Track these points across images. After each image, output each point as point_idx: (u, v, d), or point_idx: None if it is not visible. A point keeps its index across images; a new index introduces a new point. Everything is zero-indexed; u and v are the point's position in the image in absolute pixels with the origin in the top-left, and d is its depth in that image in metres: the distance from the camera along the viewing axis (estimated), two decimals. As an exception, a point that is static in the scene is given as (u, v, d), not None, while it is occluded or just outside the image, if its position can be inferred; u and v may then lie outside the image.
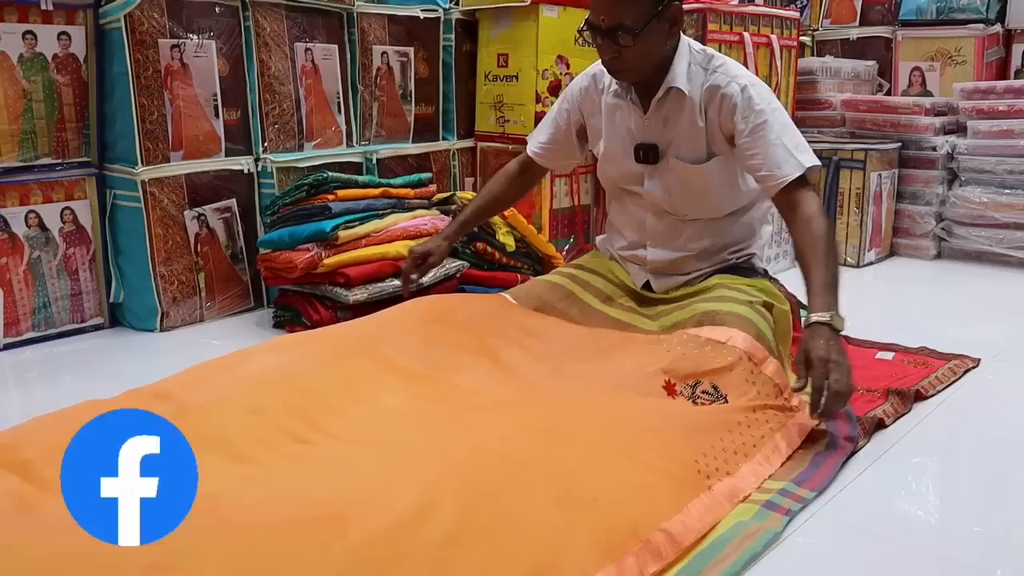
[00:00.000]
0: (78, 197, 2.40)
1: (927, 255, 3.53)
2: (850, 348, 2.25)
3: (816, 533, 1.34)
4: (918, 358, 2.18)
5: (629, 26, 1.70)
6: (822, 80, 3.76)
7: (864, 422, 1.71)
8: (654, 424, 1.49)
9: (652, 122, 1.88)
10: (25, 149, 2.26)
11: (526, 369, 1.71)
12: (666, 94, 1.84)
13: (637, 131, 1.91)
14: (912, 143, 3.52)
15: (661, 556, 1.18)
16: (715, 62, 1.84)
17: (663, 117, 1.87)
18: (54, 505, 1.32)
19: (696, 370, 1.66)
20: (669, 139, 1.88)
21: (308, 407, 1.48)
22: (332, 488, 1.24)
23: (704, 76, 1.83)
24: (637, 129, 1.91)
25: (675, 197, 1.94)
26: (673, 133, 1.87)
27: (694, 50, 1.85)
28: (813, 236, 1.68)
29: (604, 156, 2.02)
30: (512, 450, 1.35)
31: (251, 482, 1.28)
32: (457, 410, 1.53)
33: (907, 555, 1.30)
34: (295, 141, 2.72)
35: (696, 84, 1.82)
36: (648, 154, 1.90)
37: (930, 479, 1.59)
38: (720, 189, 1.91)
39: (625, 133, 1.93)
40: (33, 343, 2.31)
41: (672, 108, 1.85)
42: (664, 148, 1.89)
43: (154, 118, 2.38)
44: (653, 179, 1.94)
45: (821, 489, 1.45)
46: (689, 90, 1.81)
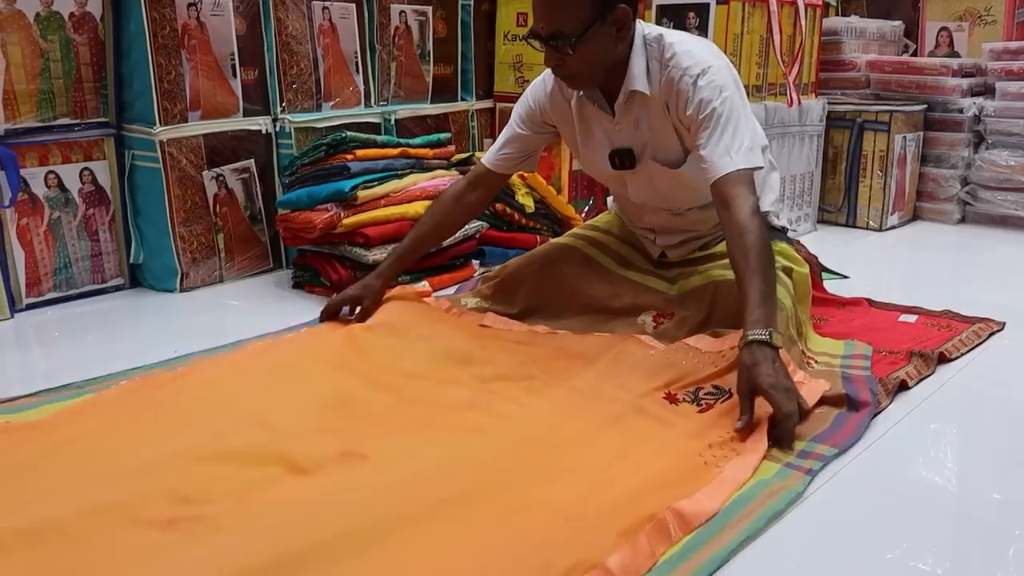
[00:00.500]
0: (97, 158, 2.40)
1: (951, 219, 3.48)
2: (873, 311, 2.25)
3: (838, 492, 1.34)
4: (942, 321, 2.15)
5: (567, 33, 1.61)
6: (847, 41, 3.69)
7: (887, 383, 1.70)
8: (658, 431, 1.48)
9: (622, 126, 1.81)
10: (44, 109, 2.26)
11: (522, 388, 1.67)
12: (629, 98, 1.76)
13: (609, 137, 1.84)
14: (938, 105, 3.46)
15: (670, 536, 1.17)
16: (667, 53, 1.72)
17: (632, 120, 1.80)
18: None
19: (696, 378, 1.63)
20: (644, 141, 1.81)
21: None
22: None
23: (660, 72, 1.73)
24: (609, 135, 1.84)
25: (663, 195, 1.89)
26: (647, 135, 1.80)
27: (649, 44, 1.73)
28: (745, 242, 1.55)
29: (584, 164, 1.97)
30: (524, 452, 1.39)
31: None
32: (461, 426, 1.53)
33: (927, 515, 1.30)
34: (313, 101, 2.70)
35: (656, 81, 1.73)
36: (624, 160, 1.83)
37: (952, 442, 1.58)
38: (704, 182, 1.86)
39: (600, 139, 1.86)
40: (55, 303, 2.32)
41: (639, 110, 1.78)
42: (640, 151, 1.82)
43: (171, 78, 2.37)
44: (635, 182, 1.90)
45: (843, 448, 1.45)
46: (651, 90, 1.73)
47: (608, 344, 1.81)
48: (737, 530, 1.19)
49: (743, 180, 1.63)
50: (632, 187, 1.91)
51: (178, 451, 1.36)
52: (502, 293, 2.08)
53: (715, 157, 1.64)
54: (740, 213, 1.58)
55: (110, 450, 1.38)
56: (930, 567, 1.15)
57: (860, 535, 1.23)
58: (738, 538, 1.17)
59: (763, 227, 1.59)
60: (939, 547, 1.22)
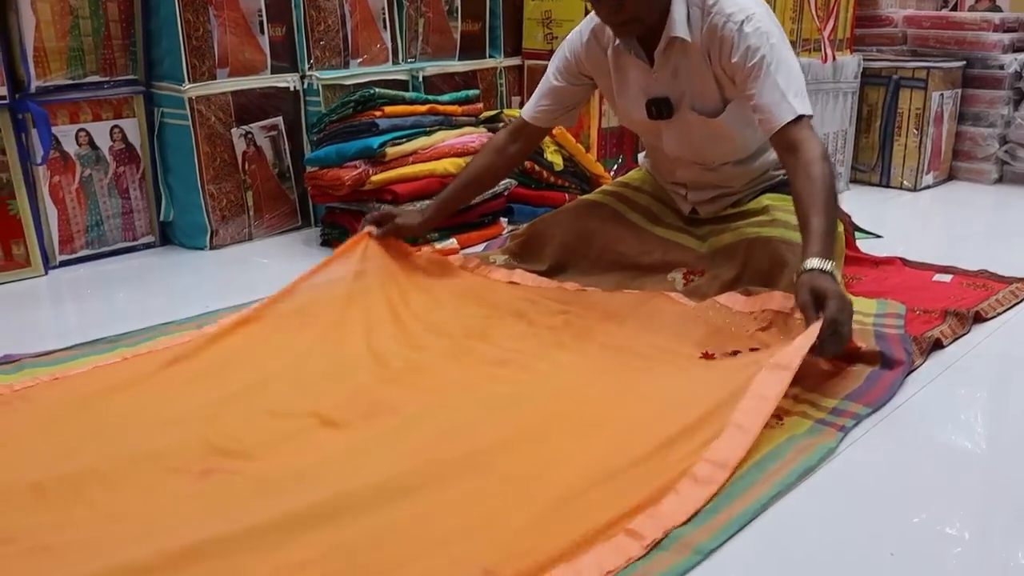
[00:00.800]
0: (126, 115, 2.40)
1: (988, 179, 3.41)
2: (907, 270, 2.22)
3: (870, 450, 1.33)
4: (978, 280, 2.12)
5: None
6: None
7: (921, 342, 1.68)
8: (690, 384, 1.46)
9: (660, 75, 1.78)
10: (73, 67, 2.26)
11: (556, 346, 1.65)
12: (668, 45, 1.73)
13: (647, 86, 1.82)
14: (977, 61, 3.37)
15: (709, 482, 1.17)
16: (708, 2, 1.70)
17: (671, 69, 1.77)
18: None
19: (732, 342, 1.61)
20: (681, 91, 1.79)
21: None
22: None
23: (702, 19, 1.70)
24: (646, 84, 1.81)
25: (698, 148, 1.87)
26: (685, 84, 1.78)
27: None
28: (812, 182, 1.54)
29: (620, 113, 1.94)
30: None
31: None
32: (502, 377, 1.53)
33: (958, 477, 1.28)
34: (340, 58, 2.69)
35: (697, 29, 1.71)
36: (661, 109, 1.81)
37: (985, 402, 1.56)
38: (742, 130, 1.82)
39: (637, 90, 1.84)
40: (87, 261, 2.34)
41: (679, 58, 1.75)
42: (677, 101, 1.80)
43: (200, 35, 2.36)
44: (670, 133, 1.87)
45: (877, 406, 1.43)
46: (692, 37, 1.71)
47: (638, 301, 1.80)
48: (768, 485, 1.18)
49: (807, 125, 1.62)
50: (667, 138, 1.88)
51: (211, 403, 1.38)
52: (530, 250, 2.07)
53: (772, 105, 1.62)
54: (809, 154, 1.57)
55: (146, 403, 1.40)
56: (957, 531, 1.14)
57: (890, 495, 1.22)
58: (769, 492, 1.17)
59: (831, 172, 1.58)
60: (968, 510, 1.20)
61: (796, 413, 1.39)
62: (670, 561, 1.02)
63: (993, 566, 1.08)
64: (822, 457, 1.27)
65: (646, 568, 1.01)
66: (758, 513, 1.13)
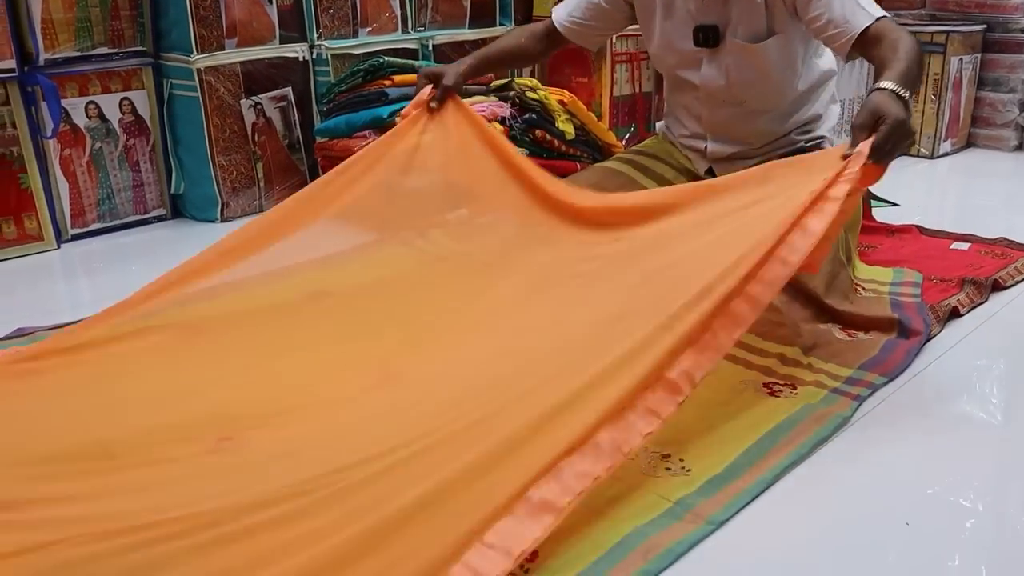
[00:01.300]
0: (135, 87, 2.39)
1: (1007, 146, 3.36)
2: (924, 238, 2.19)
3: (884, 420, 1.32)
4: (996, 249, 2.09)
5: None
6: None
7: (938, 310, 1.66)
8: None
9: (711, 1, 1.77)
10: (81, 38, 2.25)
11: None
12: None
13: (696, 12, 1.80)
14: (998, 25, 3.30)
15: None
16: None
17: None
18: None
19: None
20: (728, 18, 1.78)
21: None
22: None
23: None
24: (696, 10, 1.80)
25: (733, 81, 1.84)
26: (732, 11, 1.77)
27: None
28: (902, 45, 1.47)
29: (660, 41, 1.91)
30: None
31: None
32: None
33: (972, 448, 1.27)
34: (349, 27, 2.66)
35: None
36: (708, 36, 1.79)
37: (1001, 373, 1.54)
38: (782, 71, 1.80)
39: (684, 15, 1.83)
40: (99, 234, 2.34)
41: None
42: (723, 28, 1.79)
43: (207, 4, 2.34)
44: (711, 64, 1.85)
45: (892, 375, 1.42)
46: None
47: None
48: (783, 453, 1.18)
49: (889, 22, 1.58)
50: (706, 69, 1.85)
51: (223, 375, 1.38)
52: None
53: (847, 14, 1.59)
54: (898, 33, 1.52)
55: (158, 374, 1.40)
56: (971, 502, 1.13)
57: (905, 465, 1.21)
58: (783, 462, 1.16)
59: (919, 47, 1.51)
60: (983, 481, 1.19)
61: (811, 383, 1.38)
62: (683, 531, 1.02)
63: (1007, 536, 1.07)
64: (836, 426, 1.26)
65: (659, 538, 1.01)
66: (770, 484, 1.13)
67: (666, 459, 1.16)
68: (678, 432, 1.22)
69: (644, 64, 2.98)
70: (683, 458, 1.16)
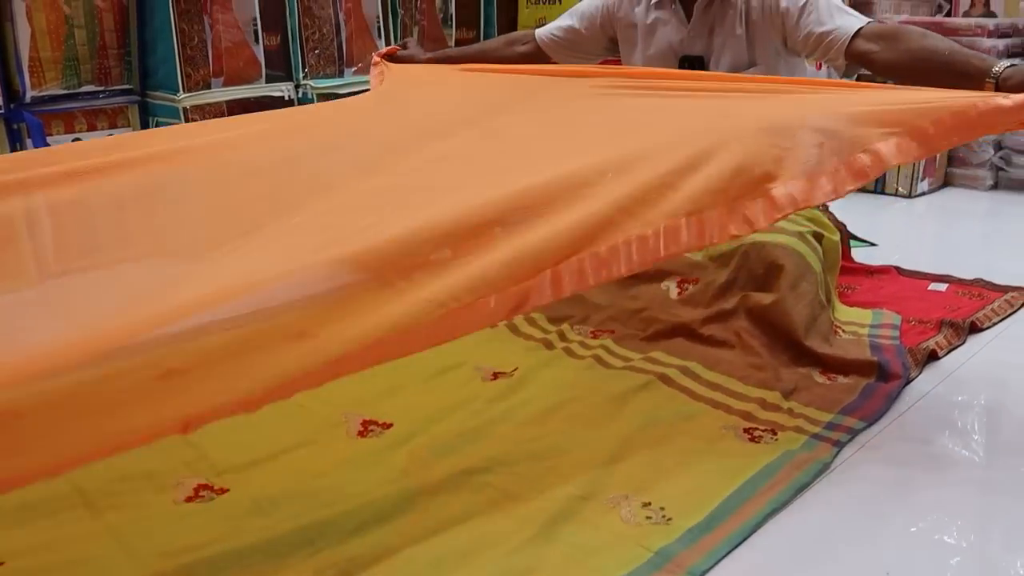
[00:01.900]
0: (122, 125, 2.40)
1: (983, 185, 3.41)
2: (902, 279, 2.22)
3: (865, 464, 1.33)
4: (973, 290, 2.12)
5: None
6: (878, 1, 3.60)
7: (916, 353, 1.67)
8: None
9: (696, 32, 1.83)
10: (68, 76, 2.26)
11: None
12: (709, 1, 1.79)
13: (680, 44, 1.86)
14: (973, 67, 3.37)
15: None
16: None
17: (708, 26, 1.82)
18: None
19: None
20: (712, 50, 1.84)
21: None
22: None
23: None
24: (680, 42, 1.86)
25: None
26: (717, 42, 1.83)
27: None
28: (924, 36, 1.50)
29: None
30: None
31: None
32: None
33: (954, 489, 1.28)
34: (335, 66, 2.69)
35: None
36: (694, 67, 1.84)
37: (982, 412, 1.55)
38: None
39: (666, 48, 1.88)
40: (82, 270, 2.34)
41: (717, 16, 1.81)
42: (708, 59, 1.84)
43: (194, 43, 2.36)
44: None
45: (872, 420, 1.43)
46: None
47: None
48: (764, 501, 1.18)
49: (887, 24, 1.65)
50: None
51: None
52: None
53: (839, 25, 1.66)
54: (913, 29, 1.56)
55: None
56: (955, 540, 1.14)
57: (886, 508, 1.22)
58: (764, 510, 1.17)
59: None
60: (965, 521, 1.20)
61: (791, 428, 1.39)
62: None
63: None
64: (817, 473, 1.27)
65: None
66: (751, 532, 1.13)
67: (647, 507, 1.17)
68: (659, 479, 1.23)
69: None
70: (664, 506, 1.17)
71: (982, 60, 1.40)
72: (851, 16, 1.67)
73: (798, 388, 1.52)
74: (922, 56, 1.50)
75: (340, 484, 1.22)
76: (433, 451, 1.30)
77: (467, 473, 1.23)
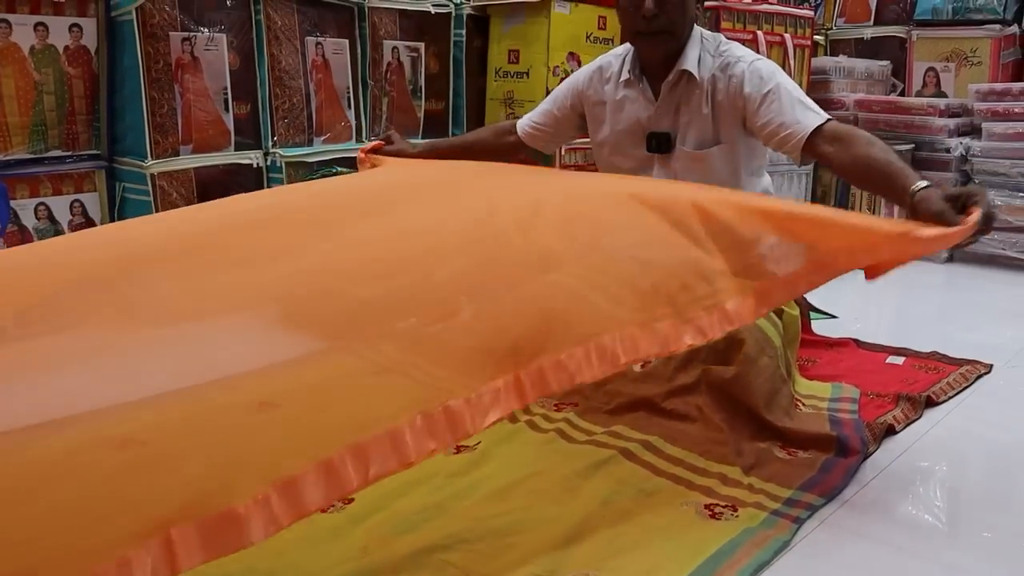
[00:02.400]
0: (88, 190, 2.39)
1: (938, 258, 3.50)
2: (861, 352, 2.26)
3: (825, 540, 1.33)
4: (929, 363, 2.16)
5: None
6: (835, 80, 3.73)
7: (874, 428, 1.70)
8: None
9: (663, 110, 1.88)
10: (35, 141, 2.26)
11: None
12: (678, 79, 1.84)
13: (647, 121, 1.90)
14: (926, 144, 3.50)
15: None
16: (722, 47, 1.86)
17: (674, 105, 1.87)
18: None
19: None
20: (678, 127, 1.88)
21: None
22: None
23: (712, 62, 1.84)
24: (647, 119, 1.90)
25: None
26: (683, 120, 1.87)
27: (705, 38, 1.87)
28: (873, 143, 1.59)
29: (610, 148, 1.99)
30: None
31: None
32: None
33: (915, 563, 1.29)
34: (304, 135, 2.71)
35: (706, 70, 1.83)
36: (661, 144, 1.89)
37: (940, 486, 1.57)
38: (723, 181, 1.88)
39: (634, 123, 1.92)
40: (41, 335, 2.30)
41: (683, 95, 1.86)
42: (674, 136, 1.89)
43: (164, 111, 2.38)
44: (662, 169, 1.93)
45: (831, 496, 1.44)
46: (700, 76, 1.82)
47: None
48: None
49: (837, 124, 1.70)
50: (658, 173, 1.93)
51: None
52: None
53: (798, 118, 1.70)
54: (855, 134, 1.64)
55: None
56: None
57: (847, 586, 1.23)
58: (724, 589, 1.17)
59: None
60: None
61: (751, 504, 1.40)
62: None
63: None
64: (776, 551, 1.27)
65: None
66: (712, 612, 1.13)
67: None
68: (619, 557, 1.23)
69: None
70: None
71: (906, 177, 1.49)
72: (811, 112, 1.71)
73: (759, 463, 1.54)
74: (865, 164, 1.59)
75: (299, 561, 1.20)
76: (394, 528, 1.28)
77: (428, 551, 1.21)
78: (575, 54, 2.99)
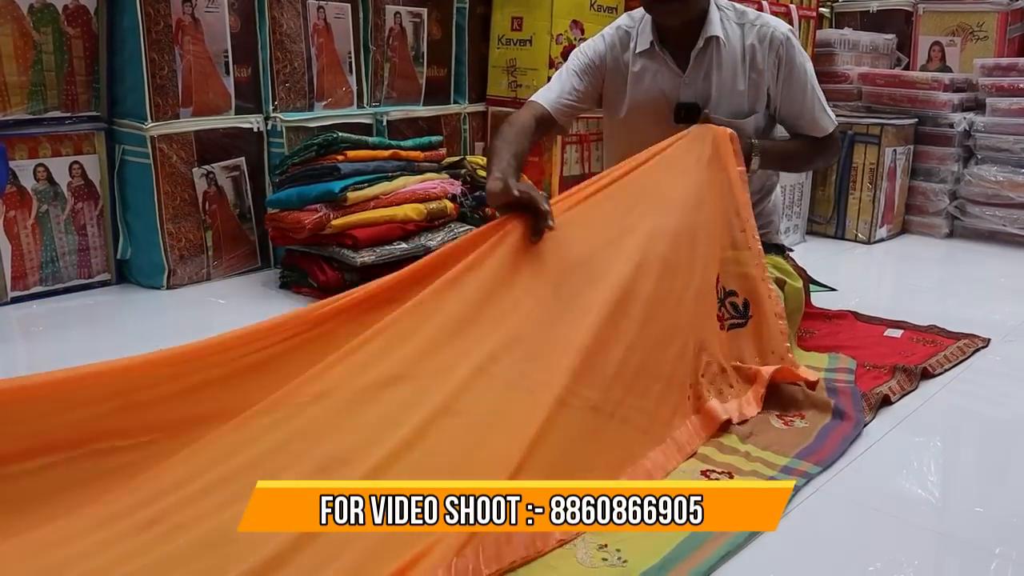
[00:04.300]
0: (87, 152, 2.38)
1: (939, 233, 3.50)
2: (859, 324, 2.26)
3: (820, 509, 1.34)
4: (927, 336, 2.16)
5: None
6: (840, 53, 3.70)
7: (870, 398, 1.71)
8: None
9: (692, 79, 1.86)
10: (34, 101, 2.25)
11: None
12: (705, 45, 1.83)
13: (673, 92, 1.88)
14: (929, 119, 3.48)
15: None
16: (749, 16, 1.87)
17: (703, 72, 1.85)
18: None
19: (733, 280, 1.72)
20: (709, 95, 1.86)
21: None
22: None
23: (741, 31, 1.84)
24: (673, 89, 1.88)
25: None
26: (714, 89, 1.86)
27: (723, 8, 1.87)
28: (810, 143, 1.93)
29: (629, 122, 1.94)
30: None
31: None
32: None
33: (908, 531, 1.30)
34: (305, 100, 2.70)
35: (734, 38, 1.83)
36: (689, 114, 1.85)
37: (934, 457, 1.58)
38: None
39: (658, 95, 1.89)
40: (40, 297, 2.31)
41: (713, 62, 1.84)
42: (704, 105, 1.86)
43: (164, 73, 2.36)
44: None
45: (826, 464, 1.45)
46: (728, 43, 1.83)
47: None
48: (717, 545, 1.19)
49: (835, 133, 1.98)
50: None
51: None
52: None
53: (817, 117, 1.92)
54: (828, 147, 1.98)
55: None
56: (910, 586, 1.16)
57: (841, 552, 1.24)
58: (718, 553, 1.18)
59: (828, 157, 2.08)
60: (920, 564, 1.22)
61: (748, 472, 1.41)
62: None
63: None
64: (771, 517, 1.28)
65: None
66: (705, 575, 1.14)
67: (603, 549, 1.17)
68: (616, 520, 1.24)
69: (594, 145, 3.07)
70: (620, 548, 1.17)
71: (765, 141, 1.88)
72: (827, 115, 1.93)
73: (755, 431, 1.54)
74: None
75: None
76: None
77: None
78: (578, 22, 2.97)
